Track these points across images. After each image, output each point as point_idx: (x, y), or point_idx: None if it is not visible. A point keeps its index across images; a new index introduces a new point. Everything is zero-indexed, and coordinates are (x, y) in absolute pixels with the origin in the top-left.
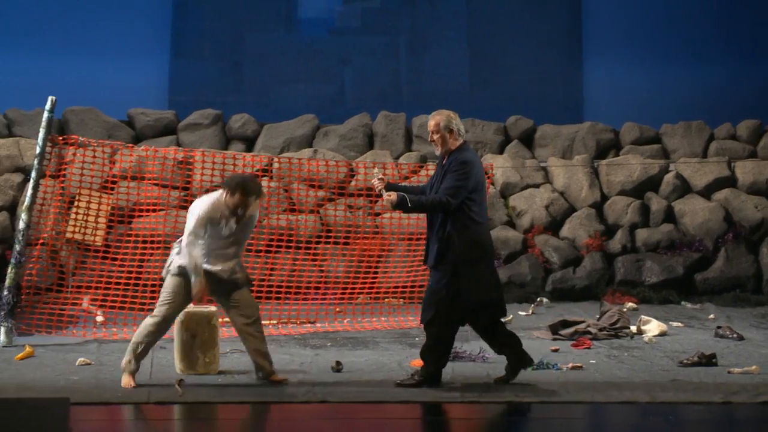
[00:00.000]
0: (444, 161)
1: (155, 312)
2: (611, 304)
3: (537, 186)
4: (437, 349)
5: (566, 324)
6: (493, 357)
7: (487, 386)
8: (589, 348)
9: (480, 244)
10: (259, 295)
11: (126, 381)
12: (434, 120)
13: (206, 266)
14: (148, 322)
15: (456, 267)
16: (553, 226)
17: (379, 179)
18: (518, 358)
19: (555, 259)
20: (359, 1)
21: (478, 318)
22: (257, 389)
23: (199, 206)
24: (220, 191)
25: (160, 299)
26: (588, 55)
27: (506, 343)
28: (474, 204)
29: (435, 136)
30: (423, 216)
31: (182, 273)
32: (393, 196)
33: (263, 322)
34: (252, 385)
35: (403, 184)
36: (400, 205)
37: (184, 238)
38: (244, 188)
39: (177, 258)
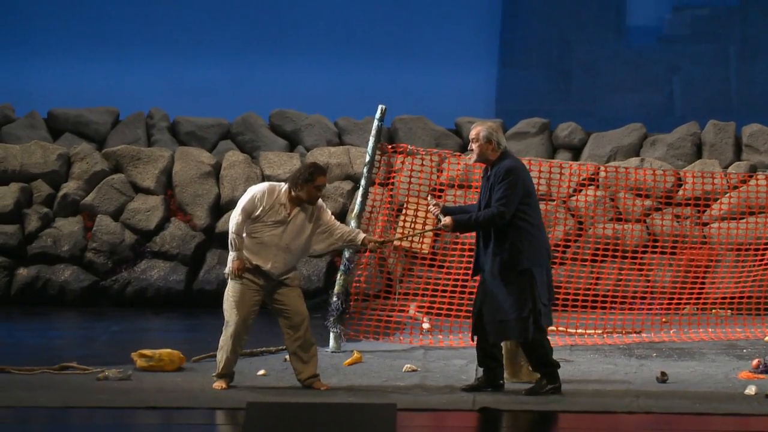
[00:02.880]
0: (488, 173)
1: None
2: None
3: None
4: (549, 353)
5: None
6: None
7: None
8: None
9: (543, 246)
10: (584, 304)
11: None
12: (475, 130)
13: (258, 261)
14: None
15: (530, 272)
16: None
17: (434, 205)
18: (496, 377)
19: None
20: (689, 9)
21: None
22: (580, 398)
23: (255, 188)
24: (282, 184)
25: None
26: None
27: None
28: (528, 208)
29: (474, 145)
30: (754, 227)
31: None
32: (448, 219)
33: (589, 330)
34: (578, 394)
35: (457, 205)
36: (456, 228)
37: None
38: (316, 168)
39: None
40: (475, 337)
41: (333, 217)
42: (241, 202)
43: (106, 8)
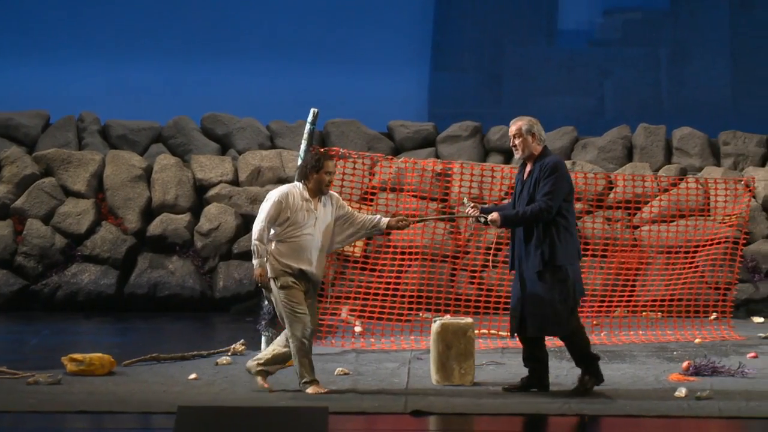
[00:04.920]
0: (529, 168)
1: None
2: None
3: None
4: (589, 345)
5: None
6: (754, 372)
7: (747, 401)
8: None
9: (575, 246)
10: None
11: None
12: (516, 125)
13: (300, 264)
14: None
15: (565, 269)
16: None
17: (472, 207)
18: (541, 377)
19: None
20: (620, 13)
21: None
22: (510, 401)
23: (274, 193)
24: (296, 183)
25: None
26: None
27: (538, 357)
28: (569, 206)
29: (516, 141)
30: (684, 230)
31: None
32: (495, 215)
33: None
34: (509, 396)
35: (491, 205)
36: (504, 223)
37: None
38: (321, 155)
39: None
40: (516, 336)
41: (349, 206)
42: (264, 209)
43: (36, 11)
